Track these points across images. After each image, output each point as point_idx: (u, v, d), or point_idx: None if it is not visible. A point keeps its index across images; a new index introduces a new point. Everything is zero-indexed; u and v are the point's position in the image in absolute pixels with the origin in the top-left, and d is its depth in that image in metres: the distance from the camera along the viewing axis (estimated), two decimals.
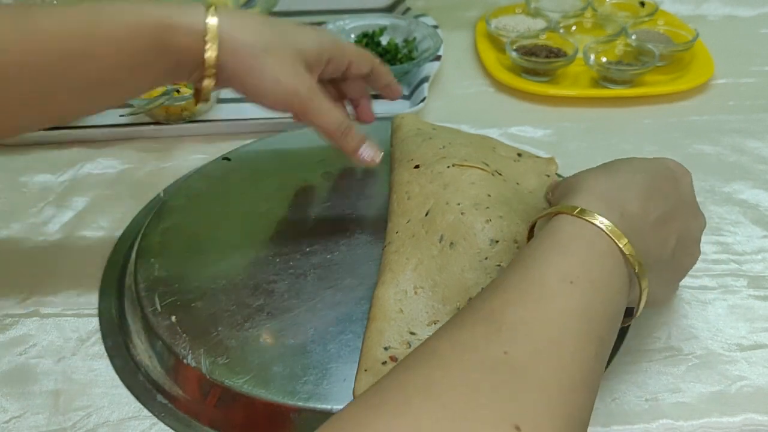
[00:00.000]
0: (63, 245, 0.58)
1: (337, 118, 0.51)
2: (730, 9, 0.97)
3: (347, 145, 0.52)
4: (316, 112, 0.50)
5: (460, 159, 0.53)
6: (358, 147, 0.52)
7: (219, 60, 0.45)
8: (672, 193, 0.42)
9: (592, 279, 0.35)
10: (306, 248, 0.52)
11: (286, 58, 0.48)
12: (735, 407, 0.44)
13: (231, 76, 0.47)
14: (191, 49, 0.45)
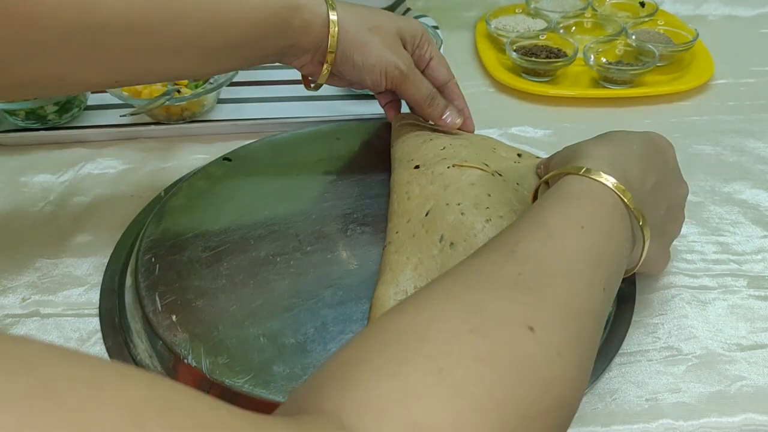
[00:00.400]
0: (63, 245, 0.58)
1: (428, 89, 0.57)
2: (730, 9, 0.97)
3: (433, 112, 0.58)
4: (411, 83, 0.56)
5: (461, 160, 0.53)
6: (442, 113, 0.58)
7: (338, 42, 0.52)
8: (662, 164, 0.46)
9: (599, 226, 0.38)
10: (306, 248, 0.52)
11: (389, 37, 0.55)
12: (735, 407, 0.45)
13: (342, 56, 0.53)
14: (312, 30, 0.52)
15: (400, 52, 0.55)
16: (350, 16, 0.53)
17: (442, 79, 0.59)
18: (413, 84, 0.56)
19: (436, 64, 0.59)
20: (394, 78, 0.55)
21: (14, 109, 0.69)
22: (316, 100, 0.76)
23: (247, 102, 0.76)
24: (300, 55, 0.54)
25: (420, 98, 0.57)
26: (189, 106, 0.71)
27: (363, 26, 0.53)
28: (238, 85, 0.77)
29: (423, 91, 0.57)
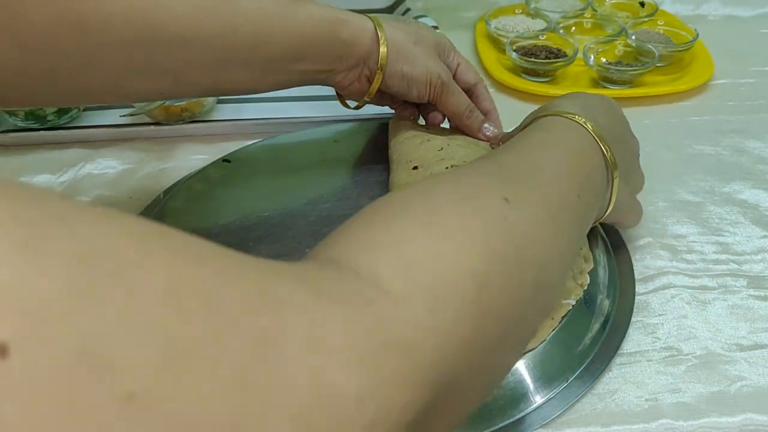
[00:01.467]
0: None
1: (466, 100, 0.59)
2: (730, 9, 0.97)
3: (472, 124, 0.60)
4: (450, 95, 0.58)
5: (459, 160, 0.53)
6: (480, 126, 0.60)
7: (388, 54, 0.54)
8: (620, 117, 0.50)
9: (574, 148, 0.42)
10: (306, 249, 0.52)
11: (430, 50, 0.57)
12: (734, 407, 0.44)
13: (392, 69, 0.55)
14: (360, 44, 0.53)
15: (440, 63, 0.57)
16: (395, 30, 0.55)
17: (473, 81, 0.61)
18: (453, 94, 0.58)
19: (464, 68, 0.61)
20: (437, 88, 0.57)
21: (14, 110, 0.69)
22: (316, 100, 0.76)
23: (247, 102, 0.75)
24: (348, 69, 0.55)
25: (460, 109, 0.59)
26: (189, 106, 0.71)
27: (408, 39, 0.55)
28: None
29: (462, 102, 0.59)
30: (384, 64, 0.54)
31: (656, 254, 0.56)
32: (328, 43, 0.52)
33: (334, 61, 0.53)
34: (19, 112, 0.69)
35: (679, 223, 0.59)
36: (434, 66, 0.56)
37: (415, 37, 0.56)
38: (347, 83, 0.56)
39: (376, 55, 0.54)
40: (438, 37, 0.59)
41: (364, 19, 0.54)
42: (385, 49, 0.54)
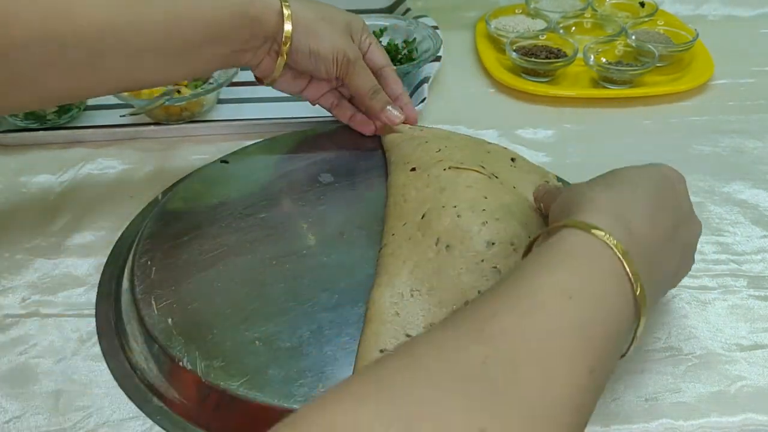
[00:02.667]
0: (63, 245, 0.58)
1: (372, 81, 0.61)
2: (730, 9, 0.97)
3: (375, 105, 0.61)
4: (356, 74, 0.59)
5: (457, 162, 0.53)
6: (383, 108, 0.61)
7: (293, 30, 0.55)
8: (674, 205, 0.42)
9: (592, 295, 0.34)
10: (303, 251, 0.52)
11: (338, 27, 0.58)
12: (735, 407, 0.45)
13: (297, 44, 0.56)
14: (267, 21, 0.54)
15: (349, 42, 0.59)
16: (303, 7, 0.56)
17: (380, 63, 0.63)
18: (359, 74, 0.60)
19: (375, 49, 0.63)
20: (344, 64, 0.58)
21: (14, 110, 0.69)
22: None
23: (247, 102, 0.75)
24: (257, 48, 0.56)
25: (364, 89, 0.61)
26: (189, 106, 0.71)
27: (316, 16, 0.57)
28: (238, 85, 0.76)
29: (367, 83, 0.61)
30: (289, 38, 0.55)
31: None
32: (238, 22, 0.53)
33: (246, 40, 0.54)
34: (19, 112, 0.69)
35: None
36: (341, 43, 0.58)
37: (323, 15, 0.58)
38: (257, 61, 0.57)
39: (281, 32, 0.55)
40: (349, 18, 0.60)
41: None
42: (290, 25, 0.55)
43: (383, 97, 0.62)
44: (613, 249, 0.35)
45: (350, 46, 0.59)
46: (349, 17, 0.61)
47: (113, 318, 0.51)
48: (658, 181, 0.42)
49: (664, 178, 0.43)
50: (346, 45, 0.58)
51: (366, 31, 0.62)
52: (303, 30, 0.56)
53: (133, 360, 0.48)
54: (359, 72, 0.60)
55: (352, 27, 0.60)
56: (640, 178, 0.42)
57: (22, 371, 0.48)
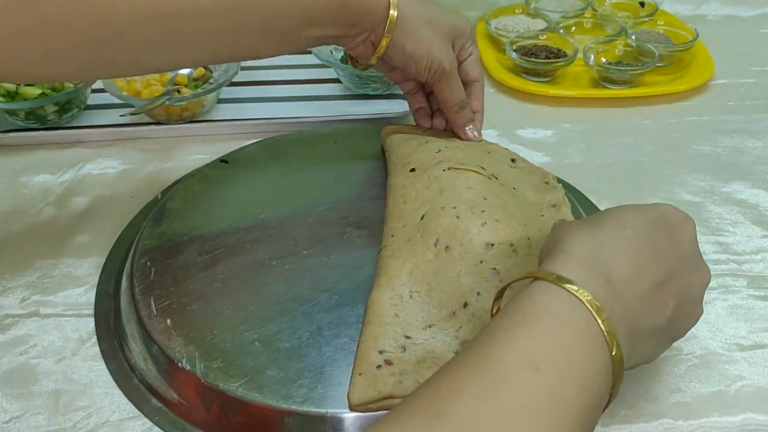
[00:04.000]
0: (63, 245, 0.58)
1: (461, 95, 0.58)
2: (730, 9, 0.97)
3: (459, 120, 0.59)
4: (447, 85, 0.57)
5: (457, 163, 0.52)
6: (467, 124, 0.59)
7: (396, 28, 0.53)
8: (669, 251, 0.38)
9: (564, 362, 0.31)
10: (302, 251, 0.52)
11: (440, 32, 0.55)
12: (735, 407, 0.45)
13: (395, 42, 0.54)
14: (373, 13, 0.52)
15: (449, 50, 0.56)
16: (409, 4, 0.53)
17: (474, 76, 0.60)
18: (450, 85, 0.57)
19: (473, 61, 0.60)
20: (436, 74, 0.56)
21: (14, 109, 0.69)
22: (316, 100, 0.76)
23: (247, 102, 0.75)
24: (356, 36, 0.54)
25: (452, 102, 0.58)
26: (189, 106, 0.71)
27: (420, 17, 0.54)
28: (238, 85, 0.77)
29: (456, 95, 0.58)
30: (389, 35, 0.53)
31: None
32: (343, 11, 0.51)
33: (347, 27, 0.53)
34: (20, 112, 0.69)
35: None
36: (439, 51, 0.55)
37: (428, 17, 0.55)
38: (353, 46, 0.55)
39: (384, 25, 0.53)
40: (457, 22, 0.57)
41: None
42: (393, 22, 0.53)
43: (468, 114, 0.59)
44: (585, 305, 0.32)
45: (447, 54, 0.56)
46: (458, 22, 0.58)
47: (112, 318, 0.51)
48: (651, 223, 0.38)
49: (660, 219, 0.39)
50: (443, 53, 0.55)
51: (470, 40, 0.59)
52: (403, 29, 0.53)
53: (132, 360, 0.48)
54: (450, 84, 0.57)
55: (457, 33, 0.57)
56: (632, 218, 0.38)
57: (22, 371, 0.48)
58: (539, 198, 0.53)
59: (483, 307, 0.44)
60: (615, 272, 0.34)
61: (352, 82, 0.76)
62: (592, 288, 0.33)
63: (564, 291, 0.33)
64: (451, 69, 0.56)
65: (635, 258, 0.36)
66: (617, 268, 0.35)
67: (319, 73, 0.79)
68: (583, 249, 0.35)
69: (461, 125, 0.59)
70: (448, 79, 0.57)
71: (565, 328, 0.32)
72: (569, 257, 0.35)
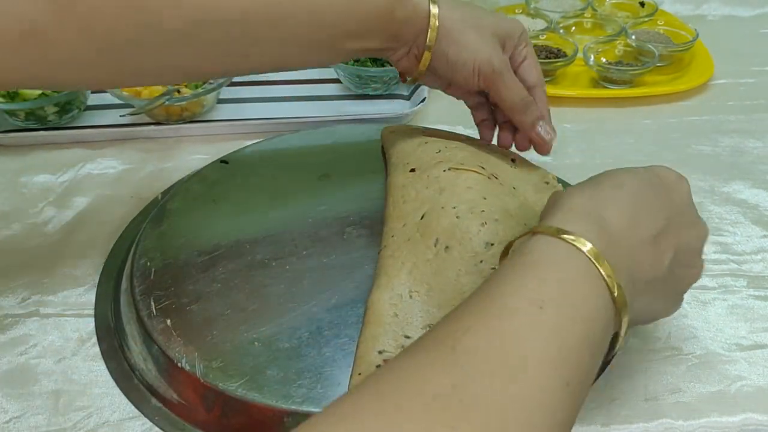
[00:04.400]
0: (63, 245, 0.58)
1: (521, 91, 0.54)
2: (730, 9, 0.97)
3: (526, 119, 0.54)
4: (503, 84, 0.53)
5: (457, 163, 0.52)
6: (536, 123, 0.54)
7: (437, 33, 0.51)
8: (665, 206, 0.40)
9: (566, 302, 0.33)
10: (302, 251, 0.51)
11: (486, 34, 0.52)
12: (734, 407, 0.45)
13: (438, 51, 0.52)
14: (413, 23, 0.51)
15: (496, 51, 0.53)
16: (451, 11, 0.52)
17: (532, 81, 0.56)
18: (506, 85, 0.53)
19: (529, 64, 0.56)
20: (487, 76, 0.53)
21: (14, 110, 0.69)
22: (316, 100, 0.76)
23: (247, 102, 0.76)
24: (399, 48, 0.53)
25: (512, 100, 0.54)
26: (189, 106, 0.71)
27: (462, 23, 0.52)
28: (238, 85, 0.77)
29: (516, 94, 0.54)
30: (431, 45, 0.51)
31: None
32: (385, 23, 0.50)
33: (389, 39, 0.51)
34: (20, 113, 0.69)
35: None
36: (485, 53, 0.52)
37: (471, 21, 0.52)
38: (397, 59, 0.54)
39: (425, 36, 0.51)
40: (505, 23, 0.54)
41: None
42: (434, 31, 0.51)
43: (535, 110, 0.54)
44: (583, 252, 0.34)
45: (496, 55, 0.53)
46: (506, 23, 0.54)
47: (112, 318, 0.51)
48: (647, 182, 0.40)
49: (654, 178, 0.41)
50: (491, 54, 0.52)
51: (524, 41, 0.55)
52: (445, 37, 0.51)
53: (132, 360, 0.48)
54: (507, 83, 0.53)
55: (507, 34, 0.54)
56: (627, 177, 0.40)
57: (22, 371, 0.48)
58: (539, 198, 0.53)
59: None
60: (612, 224, 0.36)
61: (352, 82, 0.76)
62: (590, 237, 0.35)
63: (563, 242, 0.35)
64: (502, 69, 0.53)
65: (631, 211, 0.38)
66: (614, 220, 0.37)
67: (319, 73, 0.79)
68: (580, 204, 0.37)
69: (530, 125, 0.55)
70: (502, 78, 0.53)
71: (566, 273, 0.34)
72: (567, 212, 0.37)
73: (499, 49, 0.53)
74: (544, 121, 0.55)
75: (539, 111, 0.55)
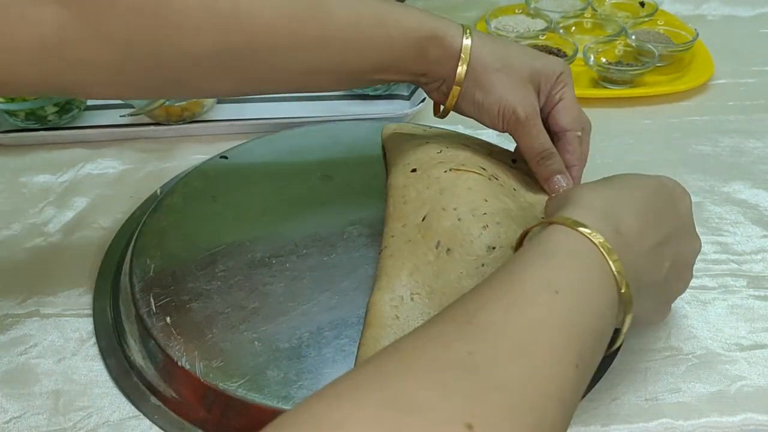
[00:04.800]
0: (63, 245, 0.58)
1: (541, 145, 0.52)
2: (730, 9, 0.97)
3: (542, 171, 0.53)
4: (526, 132, 0.52)
5: (457, 163, 0.52)
6: (551, 175, 0.53)
7: (465, 77, 0.50)
8: (670, 216, 0.41)
9: (578, 290, 0.34)
10: (303, 250, 0.51)
11: (516, 78, 0.51)
12: (734, 407, 0.45)
13: (466, 91, 0.51)
14: (444, 62, 0.50)
15: (526, 96, 0.51)
16: (484, 51, 0.50)
17: (563, 125, 0.53)
18: (528, 133, 0.52)
19: (564, 107, 0.53)
20: (510, 122, 0.52)
21: (14, 110, 0.69)
22: (315, 100, 0.76)
23: (247, 102, 0.75)
24: (427, 84, 0.53)
25: (532, 151, 0.52)
26: (189, 106, 0.71)
27: (493, 64, 0.51)
28: None
29: (536, 145, 0.52)
30: (459, 86, 0.51)
31: None
32: (415, 59, 0.50)
33: (418, 75, 0.51)
34: (20, 113, 0.69)
35: None
36: (513, 98, 0.51)
37: (502, 63, 0.51)
38: (428, 90, 0.54)
39: (454, 74, 0.50)
40: (542, 65, 0.52)
41: (455, 34, 0.50)
42: (463, 72, 0.50)
43: (553, 164, 0.52)
44: (598, 247, 0.35)
45: (525, 101, 0.51)
46: (543, 63, 0.52)
47: (112, 317, 0.51)
48: (657, 190, 0.42)
49: (664, 188, 0.43)
50: (520, 100, 0.51)
51: (563, 83, 0.53)
52: (474, 78, 0.50)
53: (132, 358, 0.48)
54: (528, 132, 0.52)
55: (540, 76, 0.52)
56: (639, 182, 0.42)
57: (22, 371, 0.48)
58: (539, 199, 0.53)
59: None
60: (624, 225, 0.38)
61: None
62: (604, 233, 0.36)
63: (578, 234, 0.36)
64: (528, 117, 0.51)
65: (642, 216, 0.39)
66: (626, 221, 0.38)
67: None
68: (595, 202, 0.39)
69: (544, 177, 0.53)
70: (525, 128, 0.51)
71: (580, 263, 0.35)
72: (583, 207, 0.38)
73: (531, 93, 0.52)
74: (562, 175, 0.53)
75: (558, 165, 0.52)
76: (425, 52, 0.49)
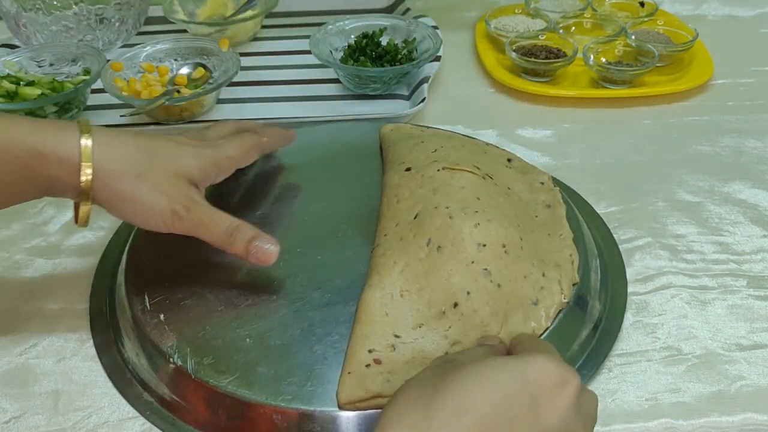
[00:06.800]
0: (63, 245, 0.58)
1: (221, 224, 0.47)
2: (730, 9, 0.97)
3: (236, 248, 0.47)
4: (199, 226, 0.46)
5: (452, 162, 0.52)
6: (248, 246, 0.46)
7: (93, 187, 0.44)
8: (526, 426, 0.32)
9: None
10: (296, 249, 0.51)
11: (162, 179, 0.45)
12: (734, 407, 0.45)
13: (106, 201, 0.45)
14: (63, 178, 0.44)
15: (178, 193, 0.46)
16: (112, 163, 0.44)
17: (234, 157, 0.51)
18: (201, 224, 0.46)
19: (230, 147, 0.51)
20: (176, 225, 0.46)
21: (14, 110, 0.69)
22: (315, 100, 0.76)
23: (247, 102, 0.76)
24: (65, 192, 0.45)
25: (217, 238, 0.47)
26: (188, 106, 0.71)
27: (127, 174, 0.44)
28: (238, 85, 0.77)
29: (216, 230, 0.47)
30: (88, 203, 0.45)
31: (656, 254, 0.56)
32: (26, 179, 0.44)
33: (45, 189, 0.45)
34: (20, 113, 0.69)
35: (679, 223, 0.59)
36: (162, 202, 0.45)
37: (138, 170, 0.45)
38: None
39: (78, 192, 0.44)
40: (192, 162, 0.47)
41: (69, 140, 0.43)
42: (88, 188, 0.44)
43: (245, 235, 0.47)
44: None
45: (178, 197, 0.46)
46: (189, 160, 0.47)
47: (107, 313, 0.51)
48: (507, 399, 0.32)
49: (522, 392, 0.32)
50: (171, 199, 0.45)
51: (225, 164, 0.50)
52: (112, 196, 0.44)
53: (126, 355, 0.48)
54: (200, 223, 0.46)
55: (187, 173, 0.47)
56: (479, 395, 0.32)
57: (21, 371, 0.48)
58: (534, 198, 0.53)
59: (473, 307, 0.44)
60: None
61: (352, 82, 0.76)
62: None
63: None
64: (188, 208, 0.46)
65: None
66: None
67: (319, 73, 0.79)
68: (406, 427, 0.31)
69: (243, 252, 0.46)
70: (192, 222, 0.46)
71: None
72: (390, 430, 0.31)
73: (184, 188, 0.46)
74: (259, 240, 0.46)
75: (249, 232, 0.47)
76: (34, 171, 0.43)
